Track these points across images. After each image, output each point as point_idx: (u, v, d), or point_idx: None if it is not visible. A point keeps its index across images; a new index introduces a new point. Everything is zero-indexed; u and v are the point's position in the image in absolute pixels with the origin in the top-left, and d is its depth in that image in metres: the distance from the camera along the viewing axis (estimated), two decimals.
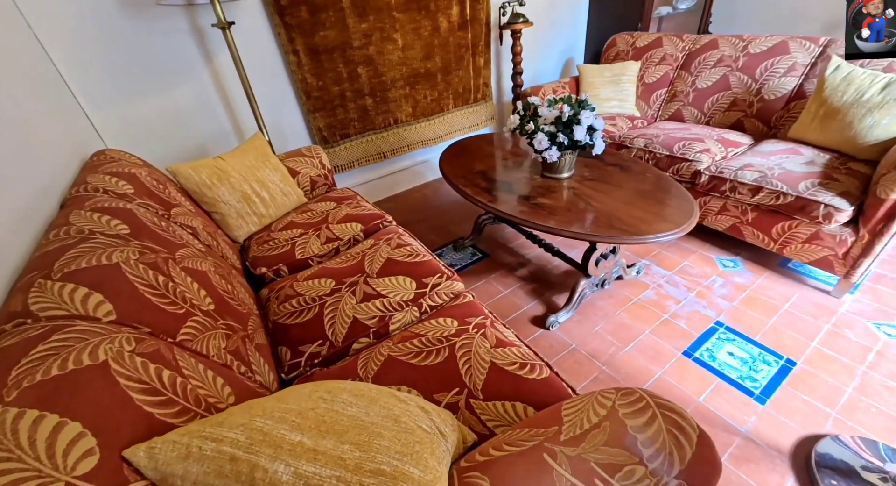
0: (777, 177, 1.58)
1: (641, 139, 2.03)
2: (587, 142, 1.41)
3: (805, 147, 1.79)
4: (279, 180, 1.66)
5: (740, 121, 2.11)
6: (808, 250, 1.57)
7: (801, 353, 1.36)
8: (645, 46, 2.52)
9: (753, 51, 2.07)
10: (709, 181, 1.77)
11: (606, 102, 2.50)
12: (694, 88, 2.27)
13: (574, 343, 1.47)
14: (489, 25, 2.59)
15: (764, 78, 2.01)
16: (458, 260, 1.99)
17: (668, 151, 1.90)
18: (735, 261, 1.80)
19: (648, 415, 0.61)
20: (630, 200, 1.39)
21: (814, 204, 1.48)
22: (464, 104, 2.74)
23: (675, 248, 1.92)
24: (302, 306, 1.11)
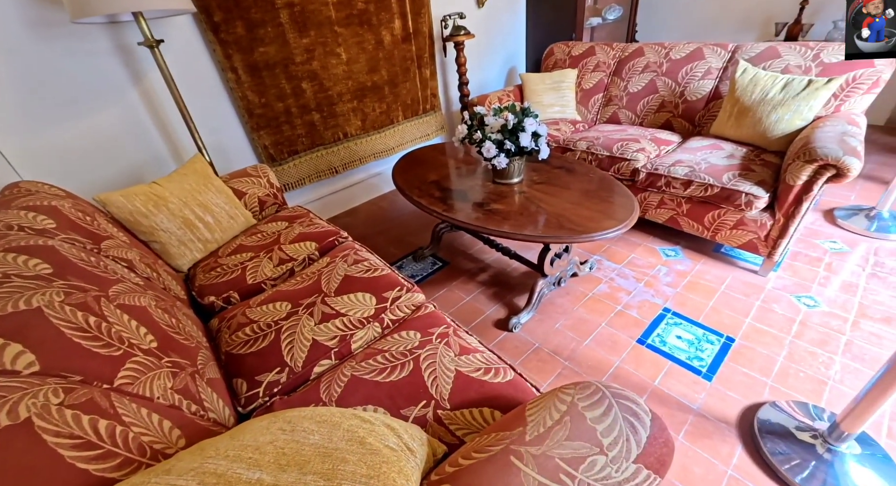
0: (704, 171, 1.73)
1: (584, 142, 2.14)
2: (533, 147, 1.47)
3: (725, 142, 1.97)
4: (224, 203, 1.59)
5: (669, 121, 2.29)
6: (736, 235, 1.72)
7: (738, 330, 1.48)
8: (580, 55, 2.68)
9: (674, 57, 2.26)
10: (646, 178, 1.90)
11: (549, 108, 2.63)
12: (626, 93, 2.44)
13: (537, 342, 1.52)
14: (432, 38, 2.65)
15: (686, 81, 2.21)
16: (418, 271, 1.99)
17: (609, 152, 2.03)
18: (676, 250, 1.94)
19: (605, 406, 0.64)
20: (577, 201, 1.47)
21: (736, 193, 1.63)
22: (413, 115, 2.77)
23: (623, 242, 2.04)
24: (256, 334, 1.06)
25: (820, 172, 1.44)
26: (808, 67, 1.85)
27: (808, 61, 1.85)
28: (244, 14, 1.88)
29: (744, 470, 1.08)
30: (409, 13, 2.46)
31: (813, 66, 1.84)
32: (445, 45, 2.72)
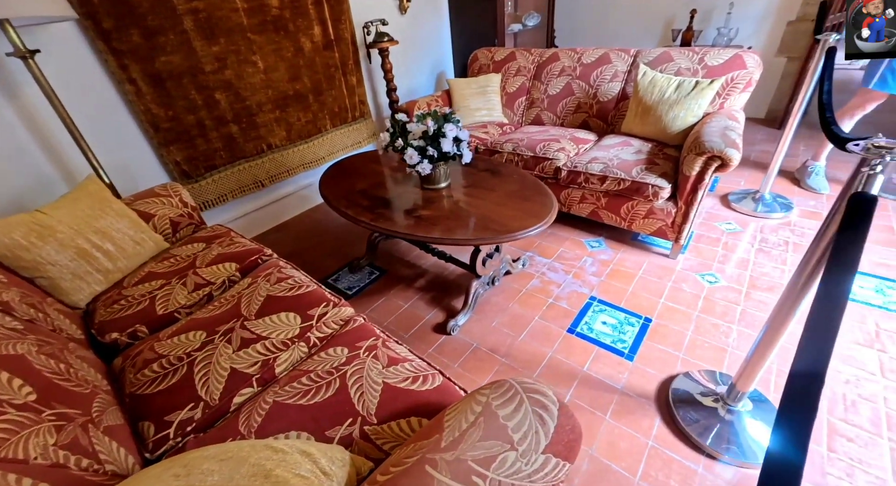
0: (616, 166, 1.87)
1: (510, 144, 2.23)
2: (455, 152, 1.50)
3: (634, 139, 2.15)
4: (127, 228, 1.45)
5: (586, 121, 2.45)
6: (648, 223, 1.88)
7: (654, 310, 1.62)
8: (502, 60, 2.78)
9: (586, 61, 2.42)
10: (567, 175, 2.01)
11: (477, 111, 2.70)
12: (547, 95, 2.57)
13: (475, 342, 1.55)
14: (356, 44, 2.61)
15: (597, 84, 2.37)
16: (355, 282, 1.95)
17: (533, 152, 2.12)
18: (599, 241, 2.08)
19: (517, 402, 0.66)
20: (502, 202, 1.52)
21: (644, 185, 1.78)
22: (342, 123, 2.71)
23: (552, 237, 2.15)
24: (166, 369, 0.98)
25: (709, 163, 1.62)
26: (696, 70, 2.07)
27: (695, 64, 2.07)
28: (140, 21, 1.73)
29: (662, 440, 1.18)
30: (329, 20, 2.41)
31: (699, 69, 2.06)
32: (370, 52, 2.70)
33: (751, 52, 1.98)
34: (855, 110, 2.15)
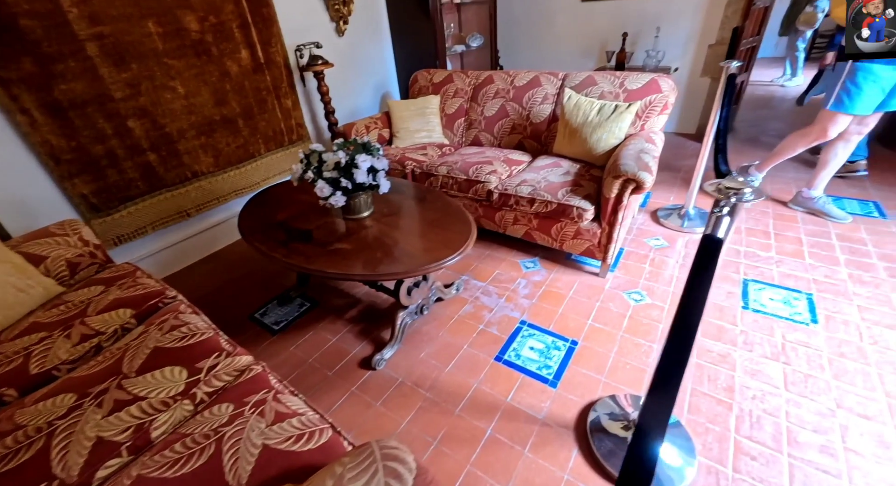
0: (544, 188, 1.90)
1: (444, 167, 2.23)
2: (371, 183, 1.47)
3: (564, 160, 2.20)
4: (9, 273, 1.32)
5: (521, 141, 2.49)
6: (577, 243, 1.91)
7: (581, 332, 1.63)
8: (441, 82, 2.80)
9: (518, 84, 2.48)
10: (499, 198, 2.03)
11: (417, 133, 2.70)
12: (484, 117, 2.61)
13: (400, 377, 1.50)
14: (289, 67, 2.56)
15: (529, 105, 2.43)
16: (283, 316, 1.86)
17: (466, 175, 2.13)
18: (534, 261, 2.10)
19: (371, 472, 0.63)
20: (421, 232, 1.50)
21: (569, 208, 1.81)
22: (278, 147, 2.64)
23: (489, 259, 2.15)
24: (18, 444, 0.87)
25: (625, 186, 1.67)
26: (618, 93, 2.15)
27: (616, 88, 2.16)
28: (33, 49, 1.62)
29: (578, 472, 1.17)
30: (258, 43, 2.35)
31: (620, 92, 2.14)
32: (303, 75, 2.65)
33: (665, 77, 2.08)
34: (814, 137, 2.07)
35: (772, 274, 1.87)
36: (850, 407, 1.28)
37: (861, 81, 1.82)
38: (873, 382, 1.35)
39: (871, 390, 1.33)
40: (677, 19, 3.32)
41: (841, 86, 1.87)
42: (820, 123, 2.02)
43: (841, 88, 1.87)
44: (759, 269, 1.91)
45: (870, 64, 1.75)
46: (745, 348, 1.51)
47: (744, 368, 1.43)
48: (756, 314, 1.66)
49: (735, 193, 0.75)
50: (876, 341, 1.50)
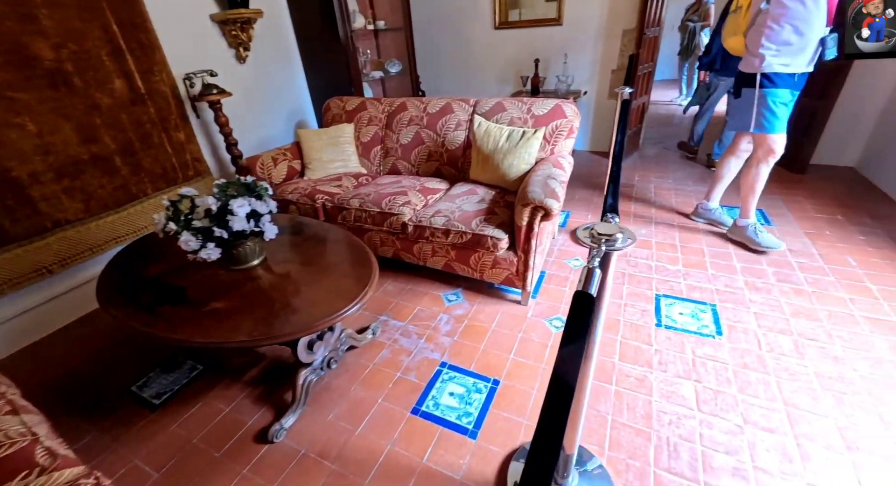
0: (458, 219, 1.84)
1: (357, 199, 2.10)
2: (253, 229, 1.30)
3: (480, 186, 2.17)
4: None
5: (439, 168, 2.44)
6: (496, 272, 1.86)
7: (503, 369, 1.55)
8: (353, 109, 2.70)
9: (431, 111, 2.44)
10: (414, 230, 1.93)
11: (331, 163, 2.55)
12: (400, 145, 2.53)
13: (302, 448, 1.31)
14: (179, 98, 2.32)
15: (444, 132, 2.39)
16: (168, 385, 1.58)
17: (379, 208, 2.02)
18: (457, 293, 2.02)
19: None
20: (318, 279, 1.35)
21: (484, 238, 1.76)
22: (170, 185, 2.35)
23: (410, 294, 2.03)
24: None
25: (534, 213, 1.65)
26: (526, 119, 2.18)
27: (524, 114, 2.19)
28: None
29: None
30: (137, 72, 2.10)
31: (528, 118, 2.17)
32: (195, 105, 2.41)
33: (568, 103, 2.14)
34: (764, 159, 2.02)
35: (680, 288, 1.94)
36: (755, 421, 1.30)
37: (773, 106, 1.86)
38: (773, 391, 1.40)
39: (771, 400, 1.37)
40: (582, 47, 3.53)
41: (757, 110, 1.90)
42: (760, 148, 2.02)
43: (758, 112, 1.91)
44: (668, 283, 1.98)
45: (775, 89, 1.81)
46: (660, 368, 1.52)
47: (660, 391, 1.43)
48: (668, 331, 1.69)
49: (608, 239, 0.70)
50: (772, 348, 1.57)
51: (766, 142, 1.98)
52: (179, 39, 2.31)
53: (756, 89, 1.87)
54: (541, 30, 3.61)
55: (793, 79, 1.80)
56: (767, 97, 1.86)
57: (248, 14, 2.48)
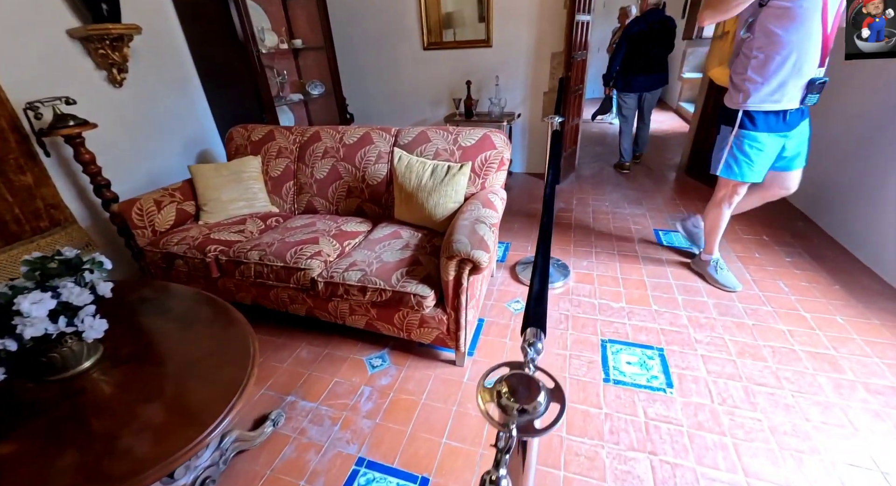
0: (375, 272, 1.56)
1: (257, 251, 1.75)
2: (63, 331, 0.93)
3: (405, 227, 1.91)
4: None
5: (360, 206, 2.16)
6: (425, 332, 1.60)
7: (433, 460, 1.28)
8: (260, 140, 2.35)
9: (348, 142, 2.16)
10: (326, 288, 1.62)
11: (232, 204, 2.17)
12: (315, 179, 2.22)
13: None
14: (21, 133, 1.84)
15: (363, 165, 2.11)
16: None
17: (283, 262, 1.68)
18: (382, 356, 1.72)
19: None
20: (160, 389, 1.00)
21: (406, 295, 1.49)
22: (17, 241, 1.85)
23: (328, 360, 1.71)
24: None
25: (462, 267, 1.41)
26: (452, 151, 1.97)
27: (451, 145, 1.98)
28: None
29: None
30: None
31: (455, 150, 1.96)
32: (43, 141, 1.93)
33: (498, 132, 1.96)
34: (727, 200, 1.89)
35: (626, 330, 1.79)
36: None
37: (748, 150, 1.69)
38: (732, 458, 1.25)
39: (731, 471, 1.22)
40: (513, 69, 3.45)
41: (728, 152, 1.74)
42: (723, 189, 1.89)
43: (728, 154, 1.74)
44: (613, 326, 1.83)
45: (755, 132, 1.64)
46: (611, 439, 1.32)
47: (613, 473, 1.22)
48: (618, 387, 1.51)
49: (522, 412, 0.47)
50: (724, 399, 1.45)
51: (729, 185, 1.84)
52: (22, 60, 1.85)
53: (734, 128, 1.69)
54: (471, 51, 3.49)
55: (779, 119, 1.60)
56: (744, 140, 1.68)
57: (119, 30, 2.06)
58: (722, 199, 1.92)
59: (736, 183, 1.82)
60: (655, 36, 3.31)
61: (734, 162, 1.75)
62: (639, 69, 3.43)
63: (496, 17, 3.29)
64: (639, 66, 3.42)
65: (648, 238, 2.57)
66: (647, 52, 3.35)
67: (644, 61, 3.39)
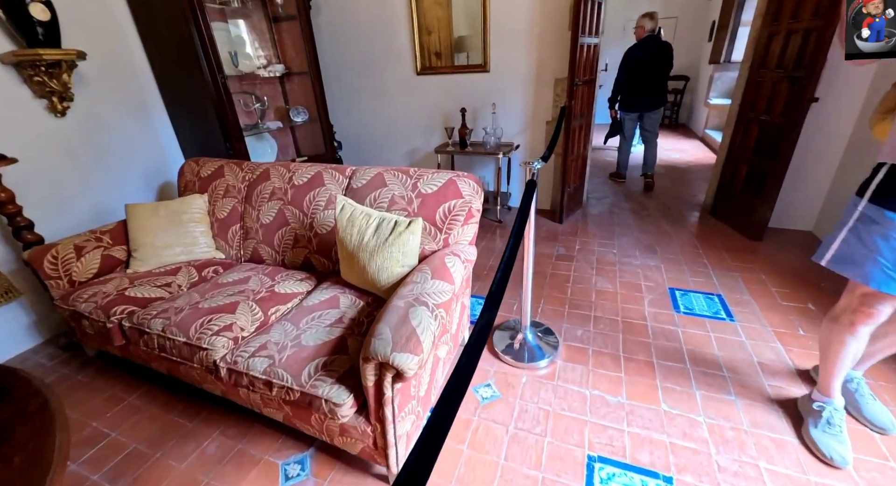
0: (285, 363, 1.21)
1: (160, 320, 1.44)
2: None
3: (349, 291, 1.56)
4: None
5: (307, 258, 1.83)
6: (348, 442, 1.23)
7: None
8: (210, 176, 2.09)
9: (297, 182, 1.86)
10: (229, 375, 1.28)
11: (166, 249, 1.89)
12: (260, 224, 1.92)
13: None
14: None
15: (312, 211, 1.80)
16: None
17: (186, 337, 1.36)
18: (303, 461, 1.35)
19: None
20: None
21: (316, 399, 1.13)
22: None
23: (235, 462, 1.36)
24: None
25: (382, 372, 1.05)
26: (410, 198, 1.62)
27: (408, 191, 1.64)
28: None
29: None
30: None
31: (413, 197, 1.62)
32: None
33: (466, 178, 1.61)
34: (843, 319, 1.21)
35: (623, 443, 1.36)
36: None
37: None
38: None
39: None
40: (511, 96, 3.13)
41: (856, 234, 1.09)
42: (846, 298, 1.20)
43: (856, 239, 1.09)
44: (607, 432, 1.40)
45: None
46: None
47: None
48: None
49: None
50: None
51: (855, 293, 1.16)
52: None
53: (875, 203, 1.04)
54: (467, 76, 3.19)
55: None
56: None
57: (53, 56, 1.86)
58: (842, 314, 1.22)
59: (868, 292, 1.12)
60: (654, 61, 3.51)
61: (866, 253, 1.06)
62: (639, 92, 3.64)
63: (493, 40, 2.99)
64: (639, 89, 3.63)
65: (662, 300, 2.12)
66: (647, 76, 3.56)
67: (643, 84, 3.60)
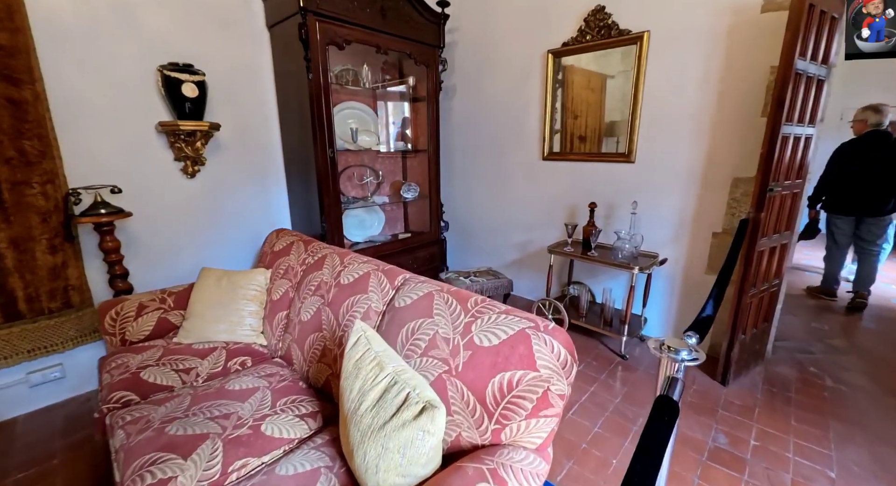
0: None
1: (122, 433, 1.16)
2: None
3: (338, 470, 1.05)
4: None
5: (328, 381, 1.41)
6: None
7: None
8: (280, 250, 1.95)
9: (344, 281, 1.51)
10: None
11: (214, 325, 1.74)
12: (299, 320, 1.61)
13: None
14: (67, 214, 1.86)
15: (345, 323, 1.41)
16: None
17: (122, 471, 1.03)
18: None
19: None
20: None
21: None
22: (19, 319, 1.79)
23: None
24: None
25: None
26: (457, 347, 1.06)
27: (456, 334, 1.08)
28: None
29: None
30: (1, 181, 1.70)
31: (461, 346, 1.06)
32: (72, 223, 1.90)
33: (551, 333, 0.98)
34: None
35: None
36: None
37: None
38: None
39: None
40: (661, 195, 2.38)
41: None
42: None
43: None
44: None
45: None
46: None
47: None
48: None
49: None
50: None
51: None
52: (103, 148, 1.94)
53: None
54: (603, 165, 2.60)
55: None
56: None
57: (188, 127, 2.06)
58: None
59: None
60: (876, 154, 2.75)
61: None
62: (853, 189, 2.85)
63: (643, 125, 2.36)
64: (853, 186, 2.84)
65: None
66: (865, 170, 2.79)
67: (861, 180, 2.80)
